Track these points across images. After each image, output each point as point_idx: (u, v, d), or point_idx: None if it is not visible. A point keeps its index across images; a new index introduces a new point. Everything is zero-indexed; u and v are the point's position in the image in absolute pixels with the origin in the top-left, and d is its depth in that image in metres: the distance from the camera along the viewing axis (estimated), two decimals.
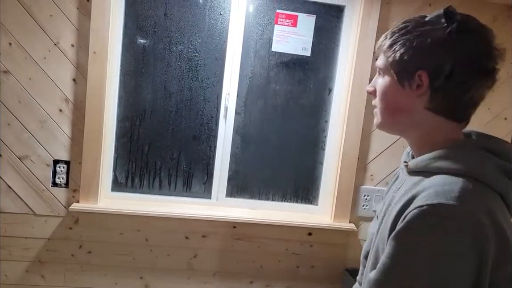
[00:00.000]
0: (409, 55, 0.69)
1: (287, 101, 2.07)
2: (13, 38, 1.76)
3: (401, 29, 0.72)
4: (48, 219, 1.90)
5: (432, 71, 0.68)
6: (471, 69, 0.67)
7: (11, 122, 1.81)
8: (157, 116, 2.01)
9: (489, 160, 0.66)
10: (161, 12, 1.93)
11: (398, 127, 0.77)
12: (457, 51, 0.66)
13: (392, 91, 0.74)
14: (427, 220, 0.59)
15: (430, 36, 0.68)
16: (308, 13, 1.99)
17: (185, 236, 1.98)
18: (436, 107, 0.70)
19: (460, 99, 0.69)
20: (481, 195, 0.62)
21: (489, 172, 0.64)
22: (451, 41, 0.67)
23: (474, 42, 0.68)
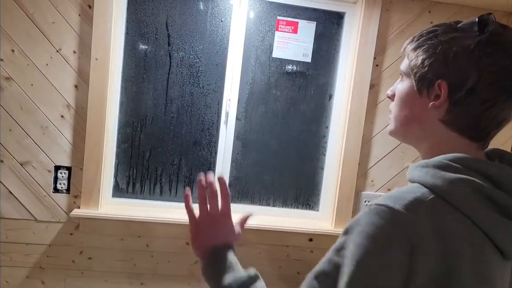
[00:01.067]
0: (431, 61, 0.64)
1: (287, 107, 2.08)
2: (16, 45, 1.77)
3: (430, 32, 0.66)
4: (49, 225, 1.90)
5: (453, 82, 0.62)
6: (496, 86, 0.60)
7: (12, 128, 1.82)
8: (158, 122, 2.01)
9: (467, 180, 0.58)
10: (162, 19, 1.94)
11: (409, 136, 0.71)
12: (484, 64, 0.60)
13: (408, 97, 0.68)
14: (368, 217, 0.57)
15: (457, 43, 0.62)
16: (309, 20, 2.00)
17: (186, 242, 1.98)
18: (451, 121, 0.64)
19: (479, 117, 0.62)
20: (436, 212, 0.57)
21: (458, 192, 0.58)
22: (478, 52, 0.60)
23: (504, 57, 0.60)
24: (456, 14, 1.96)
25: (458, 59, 0.61)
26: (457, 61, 0.61)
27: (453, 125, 0.64)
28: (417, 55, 0.66)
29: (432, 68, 0.63)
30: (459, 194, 0.57)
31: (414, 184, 0.62)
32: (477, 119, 0.62)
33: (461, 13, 1.96)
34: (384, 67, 1.97)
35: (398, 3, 1.94)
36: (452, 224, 0.56)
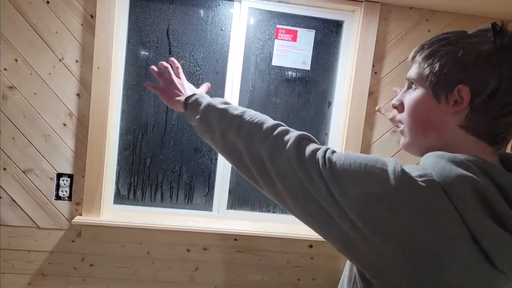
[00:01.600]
0: (450, 67, 0.63)
1: (287, 114, 2.10)
2: (19, 55, 1.80)
3: (442, 39, 0.66)
4: (51, 232, 1.92)
5: (474, 87, 0.61)
6: None
7: (16, 136, 1.84)
8: (159, 129, 2.04)
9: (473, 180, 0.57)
10: (163, 28, 1.97)
11: (427, 147, 0.68)
12: (504, 69, 0.60)
13: (424, 105, 0.67)
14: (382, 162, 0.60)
15: (475, 49, 0.62)
16: (308, 28, 2.03)
17: (187, 248, 2.00)
18: (471, 126, 0.63)
19: (499, 122, 0.62)
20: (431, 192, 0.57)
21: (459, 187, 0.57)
22: (498, 57, 0.60)
23: None
24: (454, 22, 1.98)
25: (478, 64, 0.61)
26: (477, 66, 0.61)
27: (472, 130, 0.63)
28: (432, 61, 0.65)
29: (452, 73, 0.63)
30: (459, 189, 0.56)
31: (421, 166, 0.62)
32: (495, 124, 0.62)
33: (459, 21, 1.98)
34: (383, 74, 1.99)
35: (396, 12, 1.96)
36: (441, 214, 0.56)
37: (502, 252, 0.56)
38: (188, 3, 1.97)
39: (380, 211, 0.57)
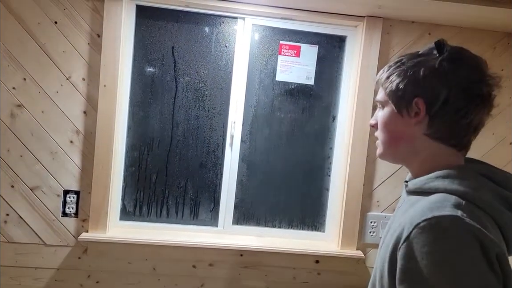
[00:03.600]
0: (404, 84, 0.72)
1: (292, 129, 2.10)
2: (28, 74, 1.84)
3: (396, 62, 0.76)
4: (57, 249, 1.93)
5: (428, 98, 0.70)
6: (466, 95, 0.69)
7: (23, 154, 1.87)
8: (164, 145, 2.05)
9: (486, 185, 0.67)
10: (168, 46, 2.00)
11: (399, 156, 0.78)
12: (451, 79, 0.69)
13: (392, 120, 0.76)
14: (428, 235, 0.60)
15: (423, 65, 0.71)
16: (311, 44, 2.05)
17: (193, 264, 1.99)
18: (435, 133, 0.72)
19: (457, 125, 0.71)
20: (473, 213, 0.63)
21: (484, 196, 0.65)
22: (444, 70, 0.70)
23: (467, 70, 0.70)
24: (457, 36, 1.99)
25: (427, 77, 0.70)
26: (427, 79, 0.70)
27: (437, 136, 0.72)
28: (391, 81, 0.75)
29: (407, 89, 0.72)
30: (486, 199, 0.65)
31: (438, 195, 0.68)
32: (456, 127, 0.71)
33: (461, 34, 2.00)
34: None
35: (398, 26, 1.98)
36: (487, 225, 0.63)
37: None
38: (192, 21, 2.00)
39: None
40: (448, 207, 0.63)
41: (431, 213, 0.62)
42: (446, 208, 0.62)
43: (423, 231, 0.61)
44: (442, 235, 0.59)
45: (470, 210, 0.63)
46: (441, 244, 0.59)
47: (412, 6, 1.76)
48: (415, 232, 0.61)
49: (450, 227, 0.60)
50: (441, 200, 0.65)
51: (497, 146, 2.06)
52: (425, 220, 0.61)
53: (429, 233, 0.60)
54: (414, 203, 0.72)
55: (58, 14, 1.83)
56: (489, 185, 0.67)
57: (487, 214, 0.64)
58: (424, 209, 0.64)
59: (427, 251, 0.60)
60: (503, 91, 2.00)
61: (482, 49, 2.01)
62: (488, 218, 0.64)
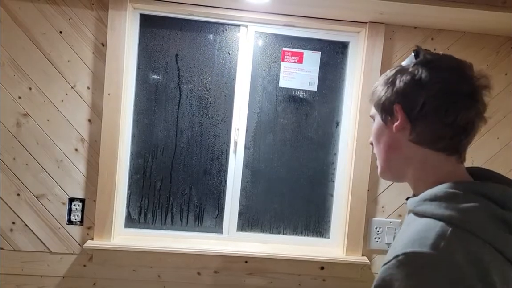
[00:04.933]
0: (385, 92, 0.74)
1: (295, 135, 2.11)
2: (33, 83, 1.86)
3: (383, 77, 0.78)
4: (63, 257, 1.93)
5: (406, 102, 0.71)
6: (443, 95, 0.68)
7: (29, 163, 1.88)
8: (168, 152, 2.06)
9: (480, 206, 0.62)
10: (172, 54, 2.02)
11: (394, 168, 0.77)
12: (426, 81, 0.69)
13: (380, 131, 0.77)
14: (402, 270, 0.60)
15: (401, 73, 0.73)
16: (314, 50, 2.06)
17: (197, 272, 1.99)
18: (418, 138, 0.71)
19: (439, 126, 0.69)
20: (460, 241, 0.60)
21: (476, 220, 0.61)
22: (419, 74, 0.70)
23: (443, 71, 0.69)
24: (459, 41, 2.00)
25: (404, 84, 0.71)
26: (403, 85, 0.71)
27: (422, 141, 0.70)
28: (375, 93, 0.77)
29: (387, 97, 0.74)
30: (477, 222, 0.60)
31: (426, 219, 0.65)
32: (439, 128, 0.69)
33: (464, 39, 2.00)
34: None
35: (400, 32, 1.99)
36: (478, 252, 0.59)
37: None
38: (196, 29, 2.02)
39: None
40: (431, 239, 0.60)
41: (412, 246, 0.61)
42: (428, 241, 0.60)
43: (399, 265, 0.60)
44: (416, 272, 0.59)
45: (457, 239, 0.60)
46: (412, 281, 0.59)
47: (414, 12, 1.77)
48: (393, 263, 0.61)
49: (425, 264, 0.59)
50: (426, 229, 0.62)
51: (502, 151, 2.05)
52: (404, 254, 0.61)
53: (403, 268, 0.60)
54: (410, 224, 0.71)
55: (63, 24, 1.85)
56: (483, 205, 0.62)
57: (482, 239, 0.60)
58: (409, 239, 0.63)
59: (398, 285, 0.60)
60: (507, 96, 2.00)
61: (485, 54, 2.01)
62: (482, 244, 0.60)
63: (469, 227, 0.60)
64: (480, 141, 2.04)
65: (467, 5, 1.66)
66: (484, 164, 2.04)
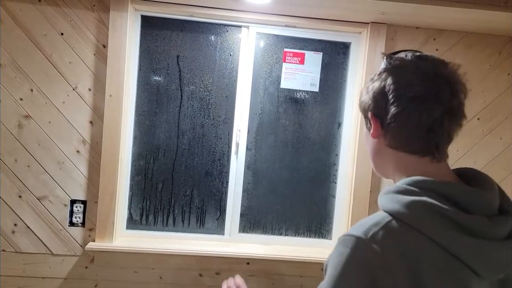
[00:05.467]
0: (363, 100, 0.76)
1: (297, 136, 2.10)
2: (35, 85, 1.86)
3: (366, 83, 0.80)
4: (65, 259, 1.93)
5: (376, 110, 0.72)
6: (400, 98, 0.68)
7: (31, 164, 1.88)
8: (170, 154, 2.06)
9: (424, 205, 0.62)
10: (173, 55, 2.02)
11: (381, 169, 0.80)
12: (387, 86, 0.70)
13: (365, 137, 0.79)
14: (336, 248, 0.65)
15: (373, 81, 0.74)
16: (315, 51, 2.05)
17: (199, 273, 1.98)
18: (391, 142, 0.72)
19: (405, 129, 0.69)
20: (398, 235, 0.62)
21: (418, 214, 0.62)
22: (383, 80, 0.71)
23: (405, 75, 0.69)
24: (461, 41, 1.99)
25: (373, 91, 0.73)
26: (373, 93, 0.73)
27: (396, 146, 0.72)
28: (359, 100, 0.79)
29: (364, 106, 0.75)
30: (415, 216, 0.62)
31: (380, 211, 0.68)
32: (406, 132, 0.70)
33: (466, 39, 1.99)
34: None
35: (402, 32, 1.98)
36: (414, 245, 0.61)
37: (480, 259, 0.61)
38: (197, 30, 2.01)
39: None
40: (366, 225, 0.64)
41: (350, 230, 0.65)
42: (363, 227, 0.64)
43: (337, 244, 0.66)
44: (341, 251, 0.63)
45: (391, 229, 0.62)
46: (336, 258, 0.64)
47: (416, 12, 1.76)
48: (336, 242, 0.67)
49: (350, 246, 0.63)
50: (370, 218, 0.66)
51: (505, 151, 2.04)
52: (343, 235, 0.65)
53: (337, 247, 0.65)
54: None
55: (64, 25, 1.85)
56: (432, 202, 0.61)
57: (423, 234, 0.61)
58: (356, 224, 0.67)
59: (328, 261, 0.66)
60: (509, 96, 1.99)
61: (488, 54, 2.00)
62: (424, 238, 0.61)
63: (408, 220, 0.62)
64: (482, 142, 2.03)
65: (469, 5, 1.66)
66: (487, 165, 2.03)
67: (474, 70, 2.01)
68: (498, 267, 0.63)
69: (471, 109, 2.02)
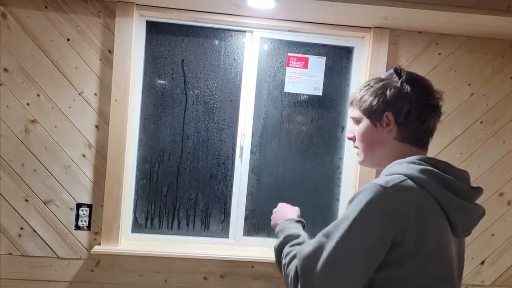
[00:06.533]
0: (376, 101, 0.92)
1: (301, 140, 2.12)
2: (41, 90, 1.88)
3: (365, 86, 0.96)
4: (70, 262, 1.95)
5: (396, 111, 0.90)
6: (423, 106, 0.90)
7: (37, 168, 1.90)
8: (175, 157, 2.07)
9: (429, 171, 0.83)
10: (178, 60, 2.04)
11: (376, 159, 0.96)
12: (410, 95, 0.89)
13: (369, 131, 0.95)
14: (360, 193, 0.81)
15: (389, 87, 0.91)
16: (318, 55, 2.07)
17: (204, 276, 1.99)
18: (402, 137, 0.91)
19: (419, 129, 0.91)
20: (410, 188, 0.80)
21: (424, 177, 0.81)
22: (405, 89, 0.90)
23: (421, 87, 0.91)
24: (464, 44, 2.00)
25: (393, 96, 0.90)
26: (393, 97, 0.90)
27: (404, 139, 0.91)
28: (364, 101, 0.94)
29: (379, 106, 0.92)
30: (424, 178, 0.82)
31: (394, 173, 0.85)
32: (418, 130, 0.91)
33: (469, 43, 2.00)
34: None
35: (405, 36, 1.99)
36: (422, 199, 0.81)
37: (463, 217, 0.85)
38: (201, 35, 2.03)
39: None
40: (387, 180, 0.80)
41: (376, 181, 0.81)
42: (384, 180, 0.80)
43: (361, 191, 0.81)
44: (365, 195, 0.79)
45: (409, 187, 0.80)
46: (359, 199, 0.79)
47: (418, 17, 1.77)
48: (359, 190, 0.83)
49: (371, 192, 0.79)
50: (393, 177, 0.82)
51: (508, 155, 2.05)
52: (370, 184, 0.81)
53: (362, 193, 0.80)
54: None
55: (70, 31, 1.88)
56: (433, 172, 0.83)
57: (427, 191, 0.81)
58: (379, 179, 0.83)
59: (352, 200, 0.82)
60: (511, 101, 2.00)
61: (491, 58, 2.01)
62: (427, 194, 0.81)
63: (419, 181, 0.81)
64: (486, 145, 2.04)
65: (472, 10, 1.67)
66: (490, 168, 2.04)
67: (476, 74, 2.02)
68: (471, 224, 0.88)
69: (474, 112, 2.03)
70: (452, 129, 2.02)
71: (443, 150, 2.02)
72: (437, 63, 2.01)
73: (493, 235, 2.08)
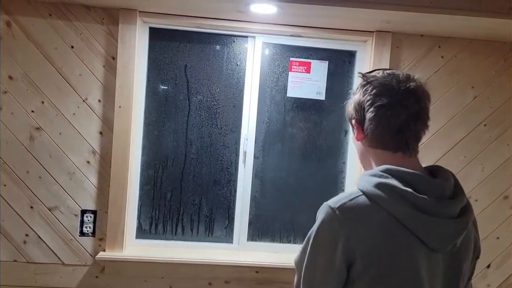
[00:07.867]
0: (348, 112, 0.95)
1: (304, 144, 2.12)
2: (46, 97, 1.89)
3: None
4: (75, 269, 1.95)
5: (357, 117, 0.90)
6: (373, 108, 0.86)
7: (42, 175, 1.91)
8: (178, 163, 2.08)
9: (385, 185, 0.80)
10: (181, 66, 2.05)
11: (366, 165, 0.96)
12: (363, 98, 0.88)
13: (353, 141, 0.96)
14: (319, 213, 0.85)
15: (353, 95, 0.93)
16: (321, 60, 2.07)
17: (208, 282, 1.99)
18: (371, 143, 0.89)
19: (381, 131, 0.86)
20: (358, 207, 0.80)
21: (378, 193, 0.79)
22: (360, 93, 0.89)
23: (373, 89, 0.87)
24: (466, 48, 2.00)
25: (354, 103, 0.91)
26: (354, 104, 0.91)
27: (374, 145, 0.89)
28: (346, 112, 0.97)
29: (349, 115, 0.94)
30: (378, 193, 0.79)
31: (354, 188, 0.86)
32: (380, 134, 0.87)
33: (471, 46, 2.00)
34: None
35: (407, 40, 2.00)
36: (372, 216, 0.79)
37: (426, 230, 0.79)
38: (204, 40, 2.04)
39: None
40: (337, 198, 0.82)
41: (329, 200, 0.83)
42: (337, 198, 0.82)
43: (319, 211, 0.85)
44: (319, 216, 0.84)
45: (353, 205, 0.80)
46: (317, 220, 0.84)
47: (420, 20, 1.77)
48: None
49: (323, 213, 0.83)
50: (346, 192, 0.85)
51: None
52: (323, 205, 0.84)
53: (319, 212, 0.84)
54: None
55: (74, 38, 1.89)
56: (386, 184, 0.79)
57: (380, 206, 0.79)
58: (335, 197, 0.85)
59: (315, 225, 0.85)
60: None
61: (493, 61, 2.01)
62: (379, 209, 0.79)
63: (371, 196, 0.80)
64: (489, 148, 2.03)
65: (473, 13, 1.67)
66: (494, 171, 2.03)
67: (479, 77, 2.02)
68: (444, 239, 0.80)
69: (478, 115, 2.03)
70: (456, 132, 2.02)
71: (446, 153, 2.01)
72: (440, 66, 2.01)
73: (499, 238, 2.07)
